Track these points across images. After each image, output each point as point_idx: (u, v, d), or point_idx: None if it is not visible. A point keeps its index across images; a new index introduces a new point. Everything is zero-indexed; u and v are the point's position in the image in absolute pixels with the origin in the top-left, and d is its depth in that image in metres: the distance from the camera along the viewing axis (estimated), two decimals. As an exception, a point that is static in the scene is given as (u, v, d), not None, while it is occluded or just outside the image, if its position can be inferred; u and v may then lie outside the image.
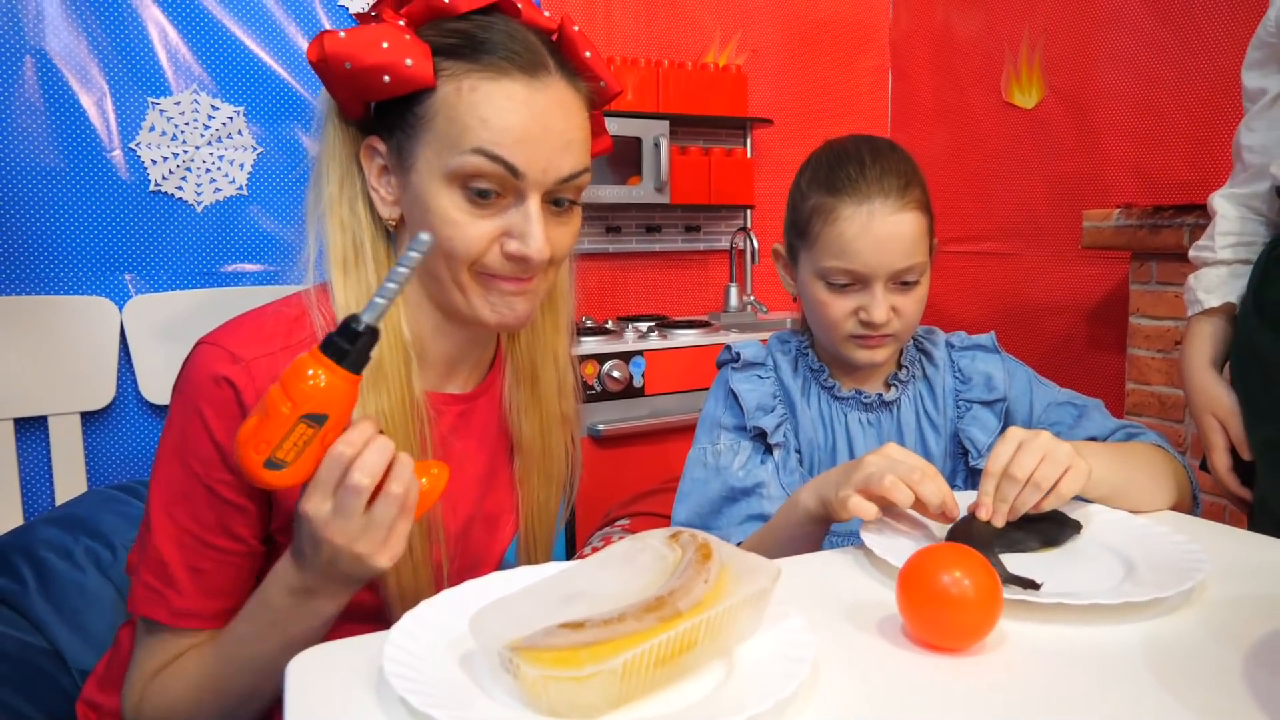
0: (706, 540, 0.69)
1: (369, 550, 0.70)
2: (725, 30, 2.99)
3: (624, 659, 0.56)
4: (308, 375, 0.66)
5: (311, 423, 0.66)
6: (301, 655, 0.68)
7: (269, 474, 0.67)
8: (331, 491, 0.68)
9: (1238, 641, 0.71)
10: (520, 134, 0.77)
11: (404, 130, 0.81)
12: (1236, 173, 1.22)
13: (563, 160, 0.80)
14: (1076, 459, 0.90)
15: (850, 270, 1.07)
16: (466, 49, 0.78)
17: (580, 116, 0.83)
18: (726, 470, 1.12)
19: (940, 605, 0.69)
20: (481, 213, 0.80)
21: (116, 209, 2.11)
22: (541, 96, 0.79)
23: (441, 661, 0.64)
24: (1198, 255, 1.24)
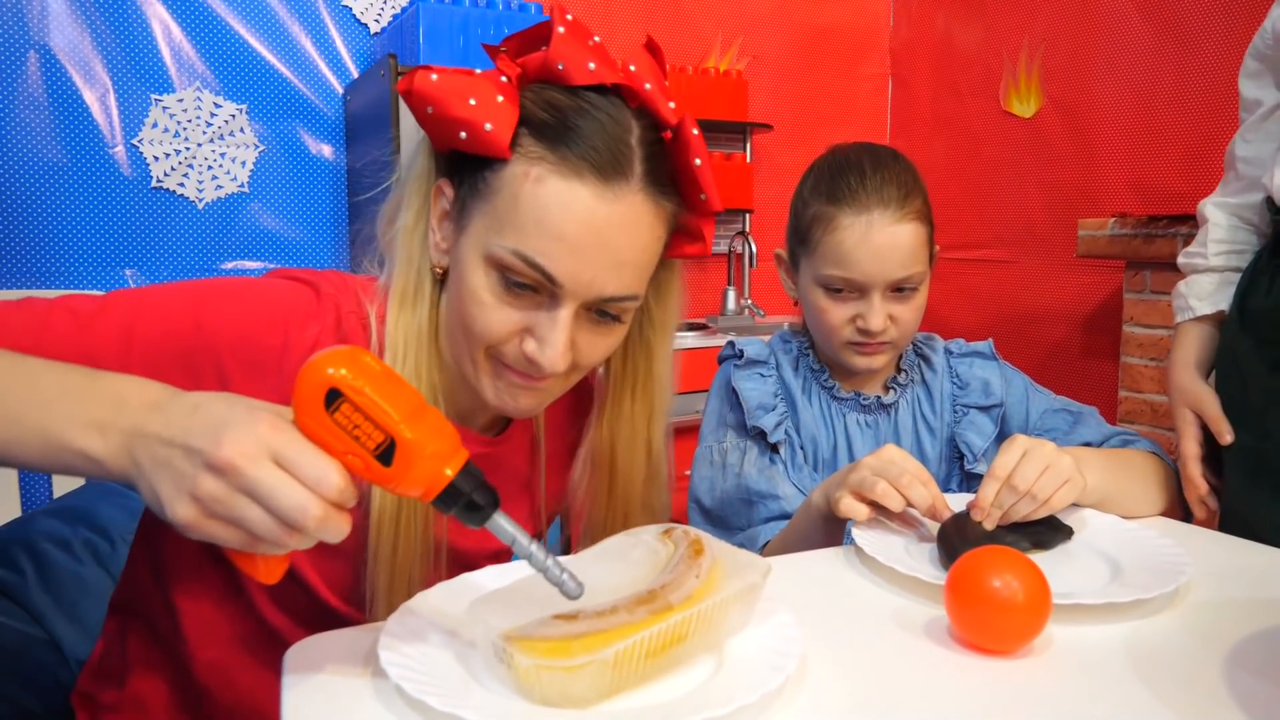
0: (699, 536, 0.70)
1: (179, 486, 0.55)
2: (726, 36, 3.01)
3: (615, 650, 0.58)
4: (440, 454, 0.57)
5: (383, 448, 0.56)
6: (299, 645, 0.69)
7: (320, 403, 0.55)
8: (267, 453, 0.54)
9: (1219, 643, 0.72)
10: (572, 244, 0.72)
11: (470, 188, 0.77)
12: (1228, 181, 1.21)
13: (610, 279, 0.74)
14: (1076, 474, 0.91)
15: (848, 279, 1.09)
16: (551, 131, 0.73)
17: (650, 237, 0.76)
18: (739, 472, 1.14)
19: (993, 608, 0.69)
20: (512, 302, 0.75)
21: (119, 205, 2.12)
22: (609, 208, 0.72)
23: (437, 651, 0.65)
24: (1188, 262, 1.23)
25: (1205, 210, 1.23)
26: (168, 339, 0.75)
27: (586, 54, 0.74)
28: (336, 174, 2.41)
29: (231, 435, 0.54)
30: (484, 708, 0.56)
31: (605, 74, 0.74)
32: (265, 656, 0.83)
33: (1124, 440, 1.13)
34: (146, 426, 0.57)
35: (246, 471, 0.53)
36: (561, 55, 0.73)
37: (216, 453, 0.53)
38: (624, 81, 0.75)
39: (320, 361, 0.56)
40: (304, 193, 2.36)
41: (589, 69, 0.74)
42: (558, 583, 0.60)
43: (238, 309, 0.77)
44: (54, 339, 0.71)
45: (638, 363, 0.89)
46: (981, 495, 0.91)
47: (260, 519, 0.54)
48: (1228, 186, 1.21)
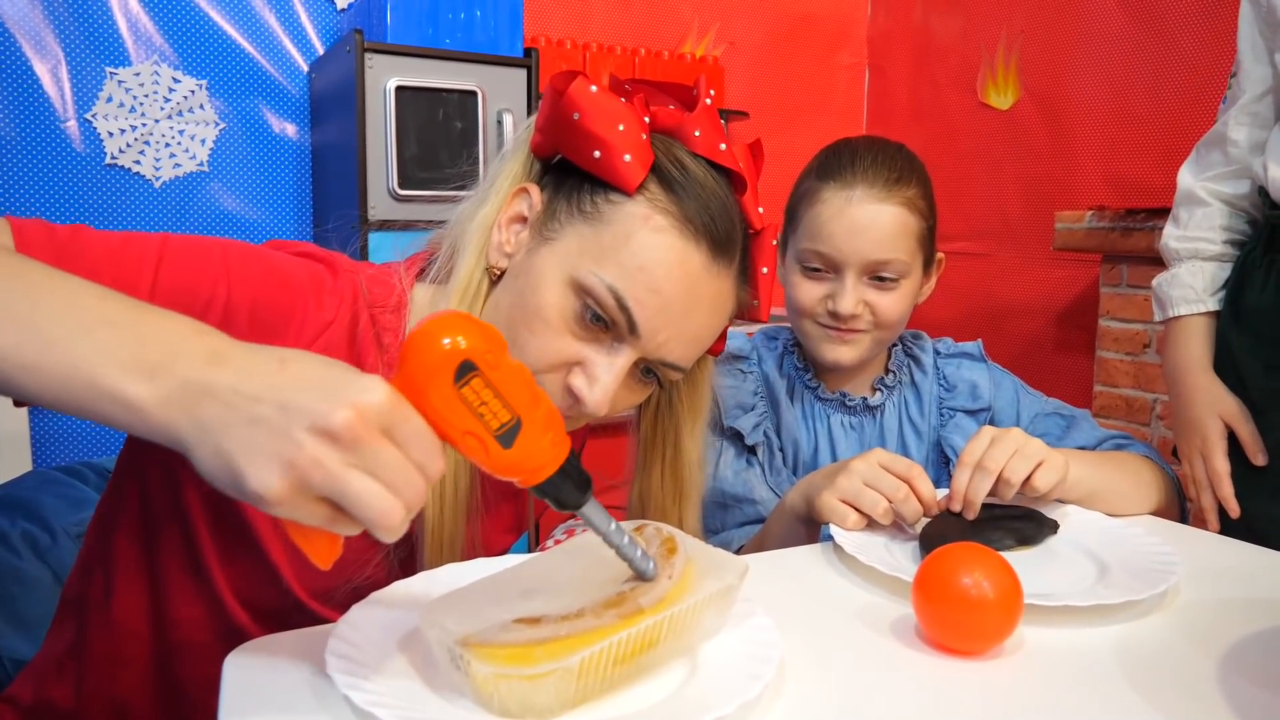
0: (672, 534, 0.66)
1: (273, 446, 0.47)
2: (703, 21, 2.97)
3: (581, 657, 0.53)
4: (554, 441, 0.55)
5: (507, 429, 0.52)
6: (242, 649, 0.65)
7: (449, 379, 0.50)
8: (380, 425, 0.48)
9: (1211, 646, 0.70)
10: (666, 301, 0.72)
11: (570, 205, 0.75)
12: (1215, 163, 1.16)
13: (679, 347, 0.75)
14: (1051, 454, 0.89)
15: (821, 253, 1.05)
16: (680, 186, 0.74)
17: (722, 320, 0.78)
18: (712, 473, 1.10)
19: (961, 608, 0.67)
20: (579, 333, 0.74)
21: (70, 181, 2.05)
22: (709, 283, 0.74)
23: (390, 658, 0.61)
24: (1187, 247, 1.15)
25: (1197, 191, 1.16)
26: (196, 285, 0.68)
27: (720, 134, 0.76)
28: (300, 154, 2.34)
29: (349, 398, 0.47)
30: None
31: (729, 159, 0.76)
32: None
33: (1118, 444, 1.10)
34: (214, 379, 0.49)
35: (367, 443, 0.47)
36: (701, 125, 0.76)
37: (331, 416, 0.46)
38: (740, 171, 0.77)
39: (443, 328, 0.50)
40: (266, 173, 2.28)
41: (719, 149, 0.76)
42: (642, 570, 0.60)
43: (263, 272, 0.72)
44: (77, 257, 0.64)
45: (667, 437, 0.89)
46: (955, 484, 0.89)
47: (367, 496, 0.48)
48: (1215, 170, 1.15)
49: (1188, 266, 1.15)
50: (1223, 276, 1.13)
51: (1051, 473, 0.89)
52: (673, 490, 0.89)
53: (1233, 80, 1.15)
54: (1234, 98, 1.14)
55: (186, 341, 0.51)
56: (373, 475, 0.48)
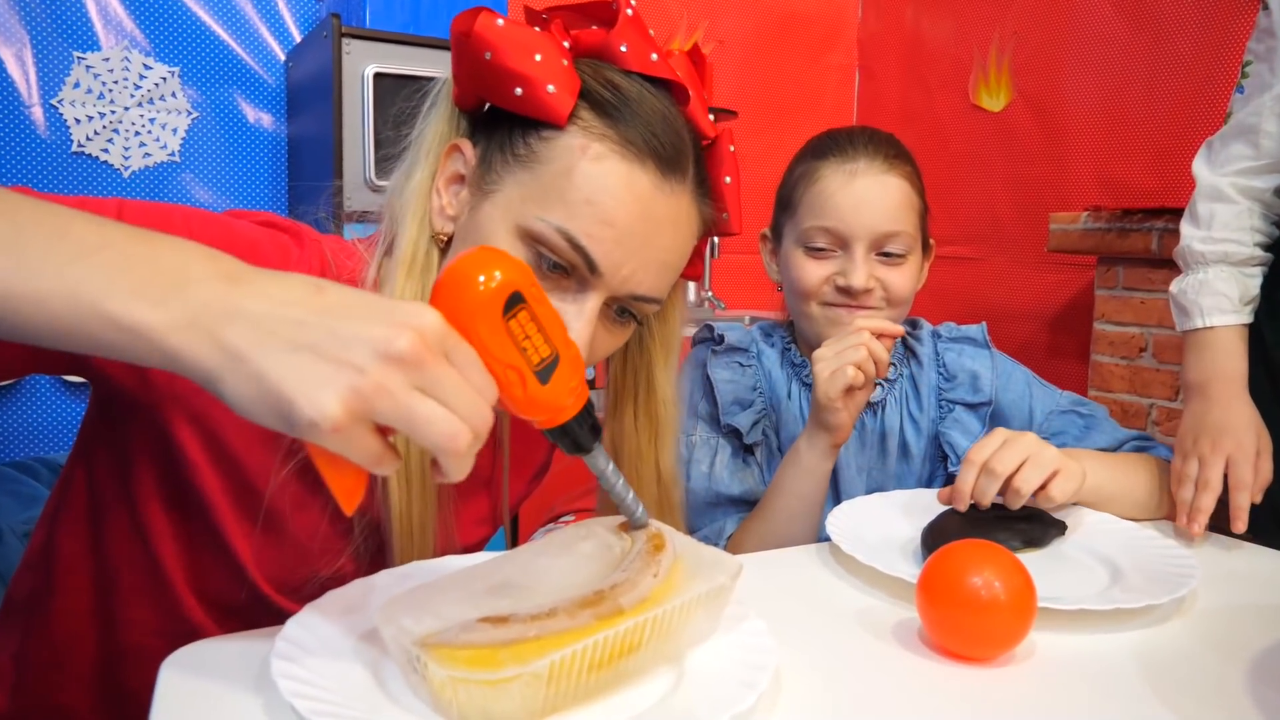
0: (660, 530, 0.61)
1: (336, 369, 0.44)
2: (691, 19, 2.92)
3: (550, 660, 0.48)
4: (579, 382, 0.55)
5: (547, 363, 0.52)
6: (180, 652, 0.58)
7: (496, 308, 0.50)
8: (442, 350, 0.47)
9: (1237, 654, 0.66)
10: (622, 231, 0.67)
11: (504, 152, 0.71)
12: (1240, 156, 1.03)
13: (647, 277, 0.70)
14: (1067, 462, 0.85)
15: (829, 229, 1.01)
16: (613, 108, 0.68)
17: (689, 240, 0.73)
18: (707, 471, 1.05)
19: (970, 610, 0.62)
20: (545, 283, 0.69)
21: (34, 169, 1.98)
22: (664, 202, 0.69)
23: (343, 661, 0.55)
24: (1215, 249, 1.03)
25: (1223, 187, 1.04)
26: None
27: (649, 44, 0.71)
28: (276, 145, 2.27)
29: (409, 321, 0.45)
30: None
31: (664, 69, 0.71)
32: None
33: (1139, 446, 1.05)
34: (240, 302, 0.45)
35: (432, 366, 0.46)
36: (627, 38, 0.70)
37: (395, 341, 0.44)
38: (678, 80, 0.71)
39: (486, 262, 0.51)
40: (240, 164, 2.21)
41: (650, 59, 0.70)
42: (633, 516, 0.60)
43: (228, 242, 0.65)
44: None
45: (639, 376, 0.84)
46: (960, 482, 0.85)
47: (436, 419, 0.46)
48: (1241, 163, 1.03)
49: (1217, 271, 1.03)
50: (1255, 285, 1.02)
51: (1068, 483, 0.84)
52: (648, 430, 0.85)
53: (1251, 68, 1.06)
54: (1262, 85, 1.03)
55: (198, 263, 0.47)
56: (439, 400, 0.46)
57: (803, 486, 0.96)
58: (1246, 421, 0.96)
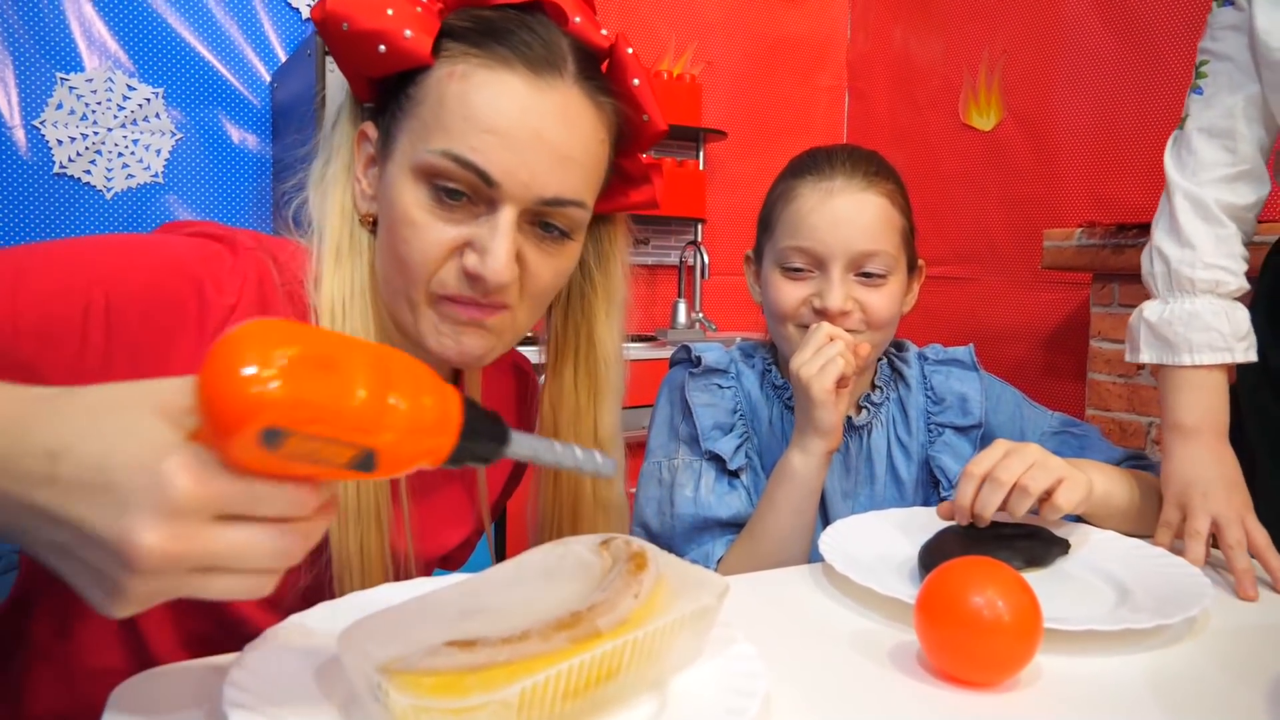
0: (642, 549, 0.57)
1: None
2: (680, 40, 2.92)
3: (521, 687, 0.44)
4: (434, 409, 0.44)
5: (358, 461, 0.42)
6: (128, 683, 0.55)
7: (252, 444, 0.39)
8: (206, 515, 0.40)
9: (1252, 676, 0.63)
10: (505, 137, 0.67)
11: (393, 115, 0.71)
12: (1213, 163, 0.95)
13: (552, 177, 0.68)
14: (1073, 471, 0.83)
15: (805, 249, 0.97)
16: (475, 33, 0.69)
17: (592, 136, 0.72)
18: (692, 496, 1.01)
19: (972, 632, 0.58)
20: (447, 215, 0.69)
21: (15, 190, 1.95)
22: (544, 99, 0.68)
23: (302, 691, 0.51)
24: (1205, 277, 0.93)
25: (1207, 202, 0.94)
26: (67, 292, 0.62)
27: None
28: (261, 166, 2.24)
29: (140, 519, 0.38)
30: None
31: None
32: None
33: (1135, 464, 1.01)
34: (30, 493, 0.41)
35: (190, 555, 0.39)
36: None
37: (131, 552, 0.38)
38: (554, 2, 0.71)
39: (233, 377, 0.38)
40: (224, 185, 2.19)
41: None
42: (595, 469, 0.52)
43: (147, 264, 0.66)
44: None
45: (579, 330, 0.84)
46: (960, 495, 0.83)
47: (233, 587, 0.42)
48: (1217, 170, 0.95)
49: (1207, 303, 0.93)
50: (1244, 319, 0.93)
51: (1074, 491, 0.82)
52: (588, 388, 0.84)
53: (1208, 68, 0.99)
54: (1231, 85, 0.96)
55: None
56: (226, 569, 0.41)
57: (797, 501, 0.93)
58: (1234, 480, 0.89)
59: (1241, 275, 0.94)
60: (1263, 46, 0.92)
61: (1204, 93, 0.98)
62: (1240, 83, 0.95)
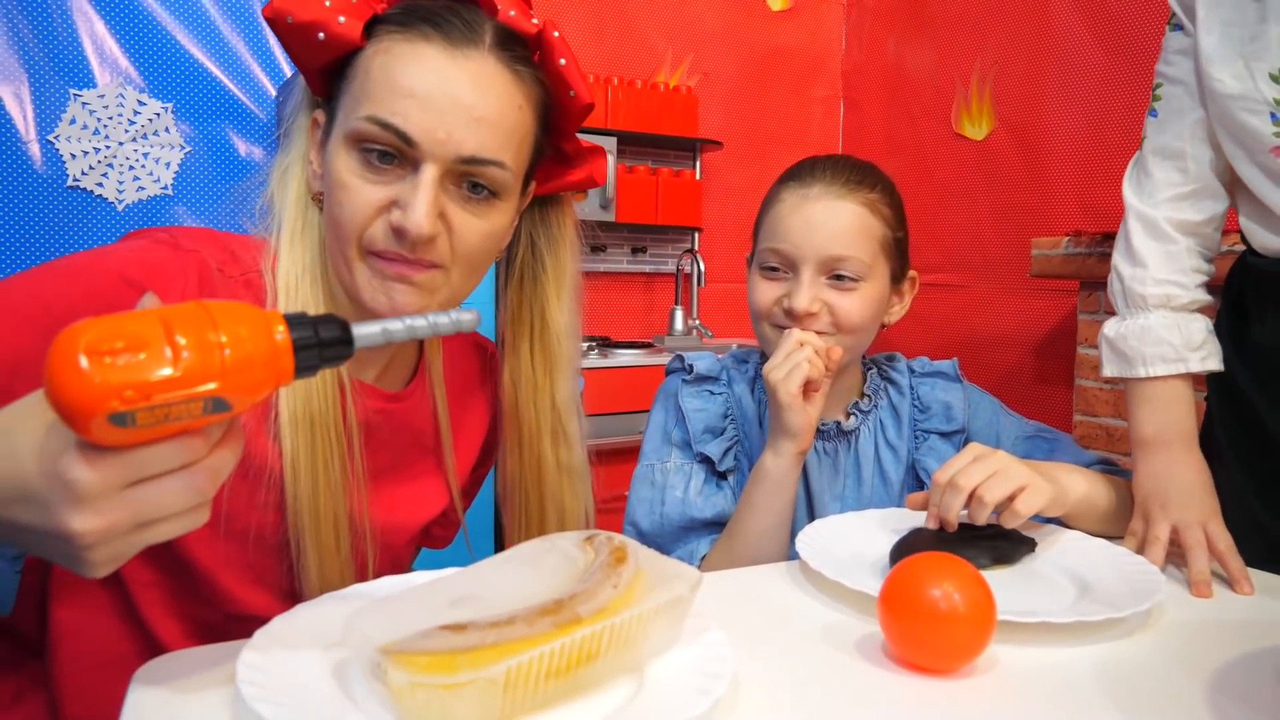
0: (623, 544, 0.62)
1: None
2: (677, 52, 2.97)
3: (507, 666, 0.49)
4: (255, 339, 0.47)
5: (210, 407, 0.46)
6: (149, 665, 0.59)
7: (107, 428, 0.43)
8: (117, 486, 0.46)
9: (1197, 667, 0.67)
10: (422, 99, 0.72)
11: (336, 98, 0.77)
12: (1166, 183, 0.98)
13: (468, 136, 0.73)
14: (1036, 479, 0.86)
15: (779, 250, 1.02)
16: (400, 14, 0.75)
17: (508, 101, 0.75)
18: (681, 496, 1.05)
19: (930, 622, 0.63)
20: (375, 178, 0.74)
21: (31, 203, 2.00)
22: (459, 66, 0.73)
23: (311, 670, 0.56)
24: (1156, 293, 0.96)
25: (1158, 221, 0.97)
26: (14, 331, 0.66)
27: None
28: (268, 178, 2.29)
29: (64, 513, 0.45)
30: (346, 737, 0.46)
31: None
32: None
33: (1104, 469, 1.05)
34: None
35: (119, 522, 0.46)
36: None
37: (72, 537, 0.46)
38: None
39: (62, 380, 0.42)
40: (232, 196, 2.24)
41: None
42: (456, 324, 0.54)
43: (81, 278, 0.70)
44: None
45: (533, 309, 0.89)
46: (930, 503, 0.87)
47: (173, 528, 0.49)
48: (1170, 190, 0.98)
49: (1159, 317, 0.96)
50: (1198, 331, 0.96)
51: (1034, 497, 0.85)
52: (542, 363, 0.90)
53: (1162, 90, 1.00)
54: (1180, 109, 0.98)
55: None
56: (154, 520, 0.47)
57: (771, 501, 0.97)
58: (1196, 485, 0.92)
59: (1195, 288, 0.96)
60: (1204, 76, 0.94)
61: (1158, 115, 1.00)
62: (1190, 106, 0.97)
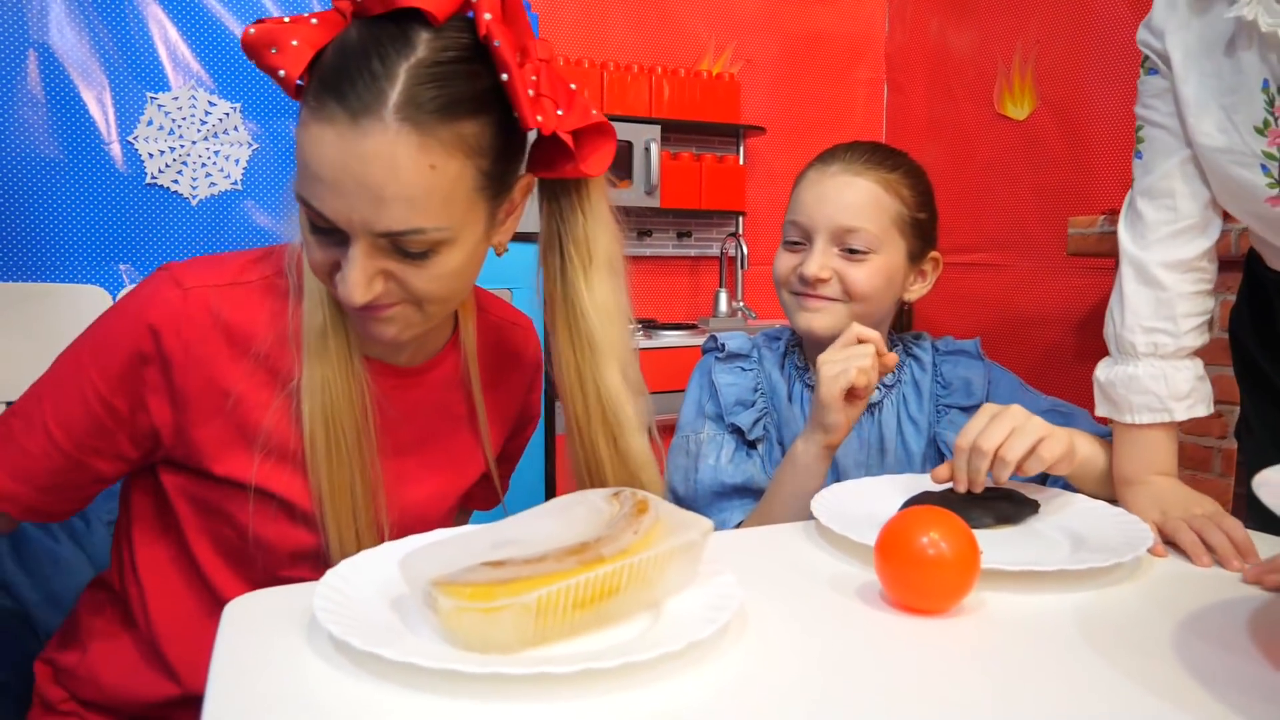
0: (646, 498, 0.70)
1: None
2: (719, 41, 3.02)
3: (538, 595, 0.57)
4: None
5: None
6: (240, 599, 0.70)
7: None
8: None
9: (1176, 613, 0.72)
10: (330, 184, 0.70)
11: None
12: (1159, 223, 0.96)
13: (379, 216, 0.71)
14: (1053, 428, 0.90)
15: (797, 223, 1.11)
16: (320, 74, 0.70)
17: (414, 169, 0.71)
18: (714, 464, 1.13)
19: (918, 567, 0.70)
20: (320, 240, 0.75)
21: (113, 200, 2.14)
22: (358, 144, 0.69)
23: (373, 601, 0.65)
24: (1145, 340, 0.97)
25: (1149, 266, 0.97)
26: (71, 410, 0.81)
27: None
28: (330, 172, 2.41)
29: None
30: (402, 648, 0.56)
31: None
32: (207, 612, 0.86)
33: None
34: None
35: None
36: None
37: None
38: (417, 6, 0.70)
39: None
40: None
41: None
42: None
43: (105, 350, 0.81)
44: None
45: (567, 298, 0.87)
46: (955, 467, 0.91)
47: None
48: (1163, 229, 0.96)
49: (1146, 366, 0.97)
50: (1185, 380, 0.97)
51: (1056, 445, 0.88)
52: (583, 348, 0.87)
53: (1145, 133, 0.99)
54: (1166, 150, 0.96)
55: None
56: None
57: (800, 485, 1.02)
58: (1187, 494, 0.94)
59: (1184, 334, 0.96)
60: (1189, 128, 0.93)
61: (1143, 157, 0.99)
62: (1175, 147, 0.96)
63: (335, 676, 0.57)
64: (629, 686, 0.56)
